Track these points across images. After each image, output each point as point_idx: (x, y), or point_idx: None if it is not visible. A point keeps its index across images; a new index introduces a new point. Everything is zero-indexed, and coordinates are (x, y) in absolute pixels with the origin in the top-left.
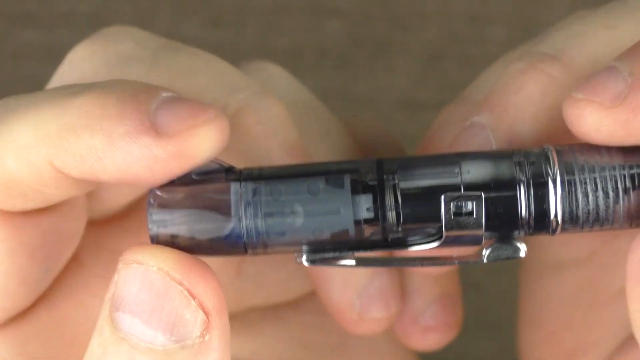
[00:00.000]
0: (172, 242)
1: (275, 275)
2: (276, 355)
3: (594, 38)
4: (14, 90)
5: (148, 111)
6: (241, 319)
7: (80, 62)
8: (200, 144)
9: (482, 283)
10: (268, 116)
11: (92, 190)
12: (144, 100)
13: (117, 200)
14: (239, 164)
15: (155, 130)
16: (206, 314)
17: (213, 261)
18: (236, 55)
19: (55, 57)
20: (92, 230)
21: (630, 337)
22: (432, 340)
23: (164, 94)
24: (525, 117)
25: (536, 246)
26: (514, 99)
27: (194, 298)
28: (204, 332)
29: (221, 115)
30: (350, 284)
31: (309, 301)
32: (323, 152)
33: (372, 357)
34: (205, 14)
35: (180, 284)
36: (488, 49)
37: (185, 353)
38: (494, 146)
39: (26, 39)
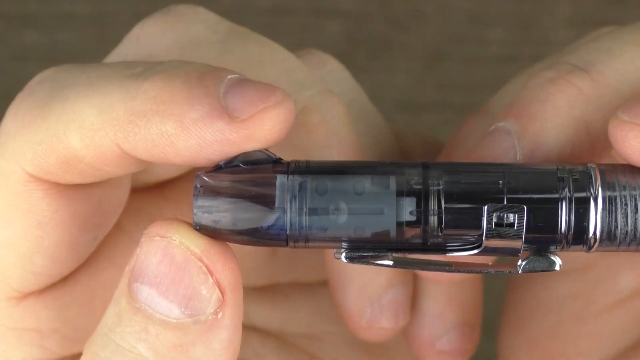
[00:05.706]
0: (214, 228)
1: (309, 260)
2: (305, 327)
3: (623, 55)
4: (14, 91)
5: (217, 94)
6: (272, 289)
7: (149, 39)
8: (272, 126)
9: None
10: (331, 115)
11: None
12: (212, 83)
13: (166, 173)
14: (298, 158)
15: (228, 114)
16: (222, 292)
17: None
18: None
19: (55, 58)
20: (135, 197)
21: (621, 354)
22: None
23: (230, 76)
24: (550, 127)
25: None
26: (541, 109)
27: (211, 275)
28: (218, 309)
29: (288, 97)
30: (365, 292)
31: None
32: (369, 157)
33: (397, 339)
34: None
35: (200, 259)
36: (488, 49)
37: (197, 328)
38: (518, 154)
39: (26, 39)
